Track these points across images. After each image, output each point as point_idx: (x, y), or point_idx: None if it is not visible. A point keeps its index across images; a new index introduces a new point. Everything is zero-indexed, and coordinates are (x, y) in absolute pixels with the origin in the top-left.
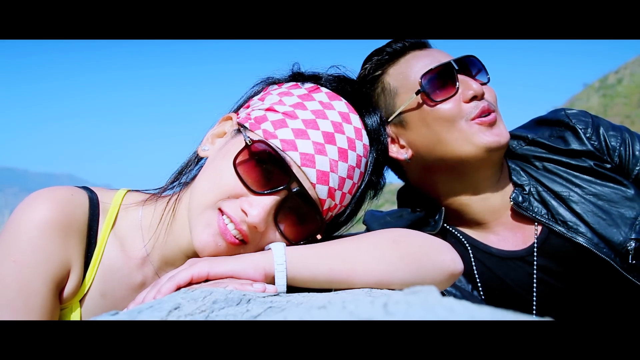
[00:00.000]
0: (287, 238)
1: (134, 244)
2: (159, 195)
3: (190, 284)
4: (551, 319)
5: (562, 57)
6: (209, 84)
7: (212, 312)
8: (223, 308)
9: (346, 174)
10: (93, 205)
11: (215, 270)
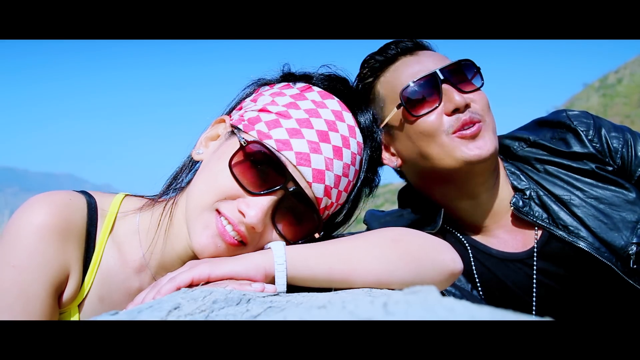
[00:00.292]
0: (285, 238)
1: (131, 249)
2: (155, 200)
3: (190, 286)
4: (551, 319)
5: (562, 57)
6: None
7: (212, 311)
8: (223, 308)
9: (341, 172)
10: (91, 210)
11: (216, 273)
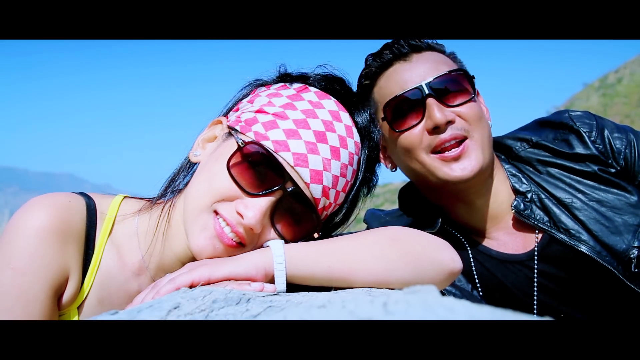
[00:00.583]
0: (284, 238)
1: (130, 251)
2: (153, 202)
3: (190, 287)
4: (551, 319)
5: (562, 57)
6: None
7: (212, 311)
8: (223, 307)
9: (339, 172)
10: (90, 212)
11: (216, 275)
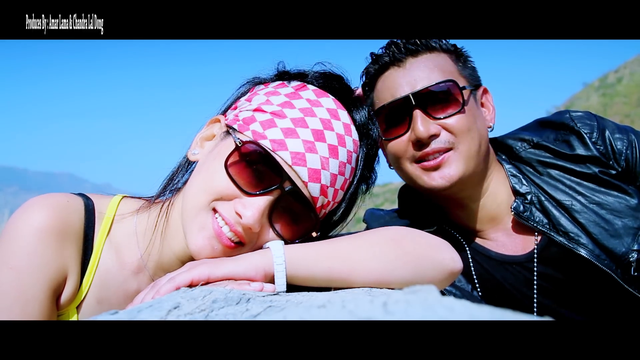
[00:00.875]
0: (282, 237)
1: (129, 251)
2: (152, 201)
3: (189, 286)
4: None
5: (562, 56)
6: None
7: (212, 311)
8: (223, 307)
9: (337, 171)
10: (89, 212)
11: (216, 274)
